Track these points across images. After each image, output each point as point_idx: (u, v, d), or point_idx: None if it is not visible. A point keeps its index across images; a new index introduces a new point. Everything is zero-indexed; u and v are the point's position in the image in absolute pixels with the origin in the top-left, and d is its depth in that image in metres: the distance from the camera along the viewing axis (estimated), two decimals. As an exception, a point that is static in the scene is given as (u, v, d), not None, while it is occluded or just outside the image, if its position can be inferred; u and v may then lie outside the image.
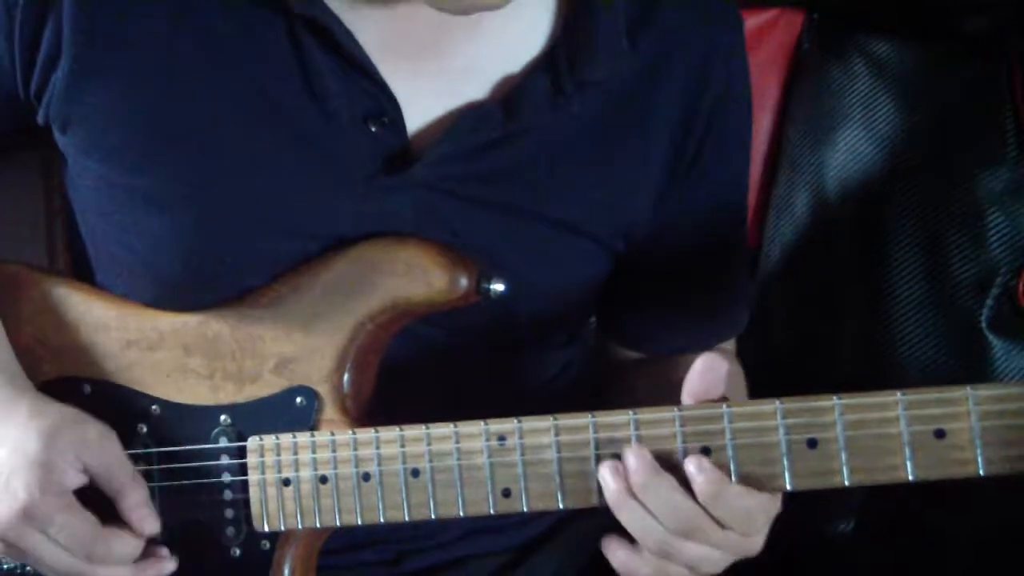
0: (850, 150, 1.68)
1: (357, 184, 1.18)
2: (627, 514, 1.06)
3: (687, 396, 1.07)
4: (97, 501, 1.16)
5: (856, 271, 1.68)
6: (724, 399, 1.06)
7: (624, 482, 1.05)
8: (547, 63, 1.20)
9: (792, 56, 1.75)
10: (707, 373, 1.06)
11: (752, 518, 1.06)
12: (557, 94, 1.19)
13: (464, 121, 1.18)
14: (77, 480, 1.15)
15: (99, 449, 1.16)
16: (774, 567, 1.32)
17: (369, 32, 1.17)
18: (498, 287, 1.16)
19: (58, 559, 1.14)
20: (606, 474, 1.06)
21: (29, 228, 1.38)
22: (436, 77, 1.20)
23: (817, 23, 1.75)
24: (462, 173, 1.19)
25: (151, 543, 1.19)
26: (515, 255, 1.21)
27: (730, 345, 1.43)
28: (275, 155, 1.17)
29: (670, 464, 1.05)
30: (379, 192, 1.18)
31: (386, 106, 1.17)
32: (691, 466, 1.04)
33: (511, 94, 1.19)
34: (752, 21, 1.71)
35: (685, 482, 1.05)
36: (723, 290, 1.38)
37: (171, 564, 1.19)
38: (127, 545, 1.16)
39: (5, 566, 1.23)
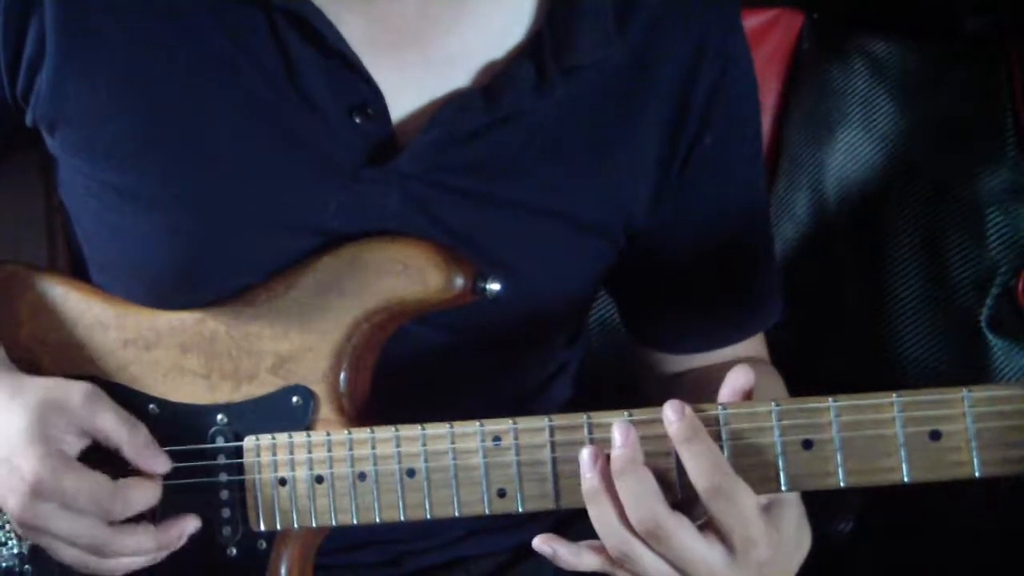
0: (850, 150, 1.68)
1: (344, 176, 1.17)
2: (596, 508, 1.04)
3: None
4: (105, 465, 1.16)
5: (856, 271, 1.68)
6: None
7: (601, 473, 1.04)
8: (531, 49, 1.19)
9: (792, 56, 1.75)
10: (736, 394, 1.06)
11: (730, 497, 1.02)
12: (542, 81, 1.18)
13: (447, 109, 1.17)
14: (76, 444, 1.15)
15: (87, 409, 1.15)
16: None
17: (351, 24, 1.16)
18: (494, 286, 1.16)
19: (79, 529, 1.13)
20: (585, 458, 1.05)
21: (29, 228, 1.38)
22: (420, 67, 1.19)
23: (817, 23, 1.75)
24: (448, 163, 1.18)
25: (158, 516, 1.18)
26: (504, 246, 1.21)
27: (762, 352, 1.41)
28: (262, 150, 1.17)
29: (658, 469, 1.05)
30: (365, 184, 1.18)
31: (370, 97, 1.17)
32: (670, 410, 1.03)
33: (494, 81, 1.18)
34: (752, 21, 1.71)
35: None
36: (743, 285, 1.36)
37: (193, 522, 1.18)
38: (145, 491, 1.16)
39: (3, 564, 1.23)
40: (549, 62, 1.17)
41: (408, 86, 1.19)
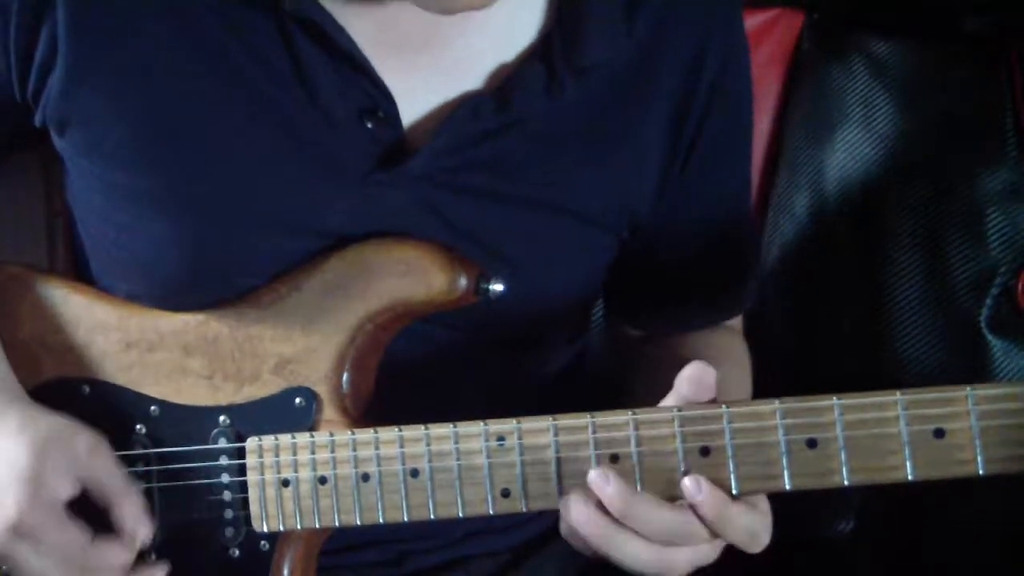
0: (850, 150, 1.68)
1: (354, 180, 1.18)
2: (616, 548, 1.05)
3: (675, 400, 1.07)
4: (90, 505, 1.16)
5: (856, 271, 1.68)
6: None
7: (601, 517, 1.04)
8: (541, 51, 1.19)
9: (792, 56, 1.75)
10: (695, 384, 1.06)
11: (756, 534, 1.06)
12: (552, 82, 1.18)
13: (459, 113, 1.18)
14: (68, 492, 1.15)
15: (90, 461, 1.16)
16: (774, 567, 1.32)
17: (361, 27, 1.16)
18: (497, 287, 1.16)
19: (49, 572, 1.14)
20: (579, 512, 1.05)
21: (29, 228, 1.38)
22: (430, 70, 1.19)
23: (817, 23, 1.75)
24: (459, 165, 1.18)
25: (159, 517, 1.19)
26: (515, 247, 1.21)
27: (736, 323, 1.44)
28: (272, 154, 1.17)
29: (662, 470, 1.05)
30: (377, 188, 1.18)
31: (380, 101, 1.17)
32: (690, 486, 1.04)
33: (505, 84, 1.19)
34: (752, 21, 1.71)
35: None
36: (726, 272, 1.37)
37: (162, 571, 1.19)
38: (120, 555, 1.16)
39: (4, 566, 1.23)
40: (559, 63, 1.18)
41: (418, 89, 1.19)
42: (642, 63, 1.23)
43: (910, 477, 1.01)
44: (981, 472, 0.99)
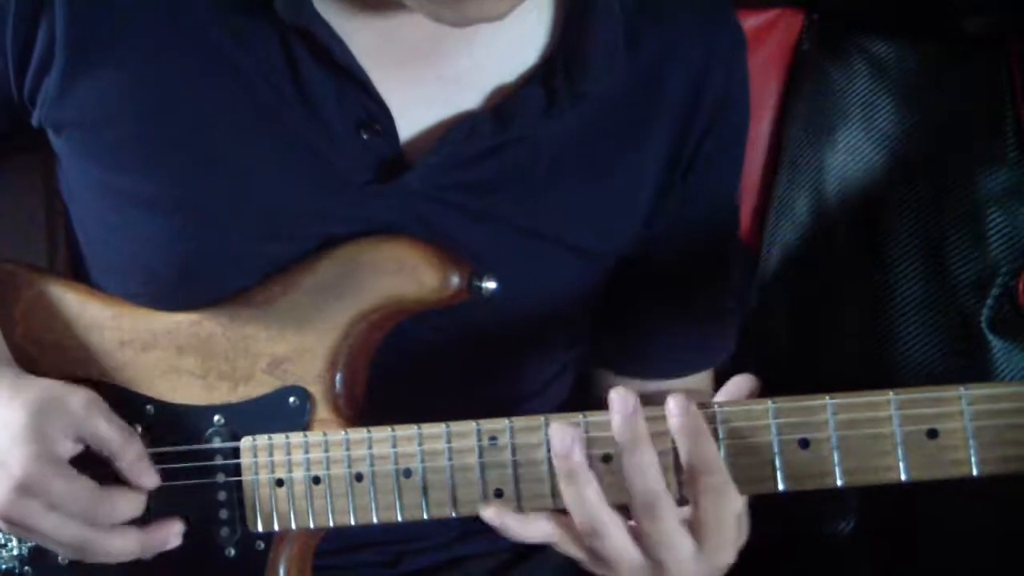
0: (850, 150, 1.68)
1: (350, 192, 1.18)
2: (575, 487, 1.04)
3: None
4: (94, 469, 1.16)
5: (856, 271, 1.68)
6: None
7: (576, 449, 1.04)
8: (543, 73, 1.19)
9: (792, 56, 1.75)
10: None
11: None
12: (552, 105, 1.18)
13: (456, 130, 1.17)
14: (70, 449, 1.15)
15: (86, 415, 1.16)
16: (774, 567, 1.32)
17: (362, 40, 1.16)
18: (490, 285, 1.16)
19: (63, 530, 1.14)
20: (567, 440, 1.04)
21: (29, 228, 1.39)
22: (430, 86, 1.19)
23: (817, 23, 1.75)
24: (454, 182, 1.18)
25: (155, 517, 1.19)
26: (508, 265, 1.20)
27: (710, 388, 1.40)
28: (269, 161, 1.17)
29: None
30: (372, 200, 1.18)
31: (378, 114, 1.17)
32: (672, 404, 1.03)
33: (504, 104, 1.18)
34: (752, 21, 1.71)
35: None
36: (711, 313, 1.35)
37: (178, 527, 1.18)
38: (130, 502, 1.16)
39: (3, 566, 1.23)
40: (560, 86, 1.18)
41: (417, 103, 1.19)
42: (642, 91, 1.23)
43: (903, 478, 1.01)
44: (975, 473, 0.99)
